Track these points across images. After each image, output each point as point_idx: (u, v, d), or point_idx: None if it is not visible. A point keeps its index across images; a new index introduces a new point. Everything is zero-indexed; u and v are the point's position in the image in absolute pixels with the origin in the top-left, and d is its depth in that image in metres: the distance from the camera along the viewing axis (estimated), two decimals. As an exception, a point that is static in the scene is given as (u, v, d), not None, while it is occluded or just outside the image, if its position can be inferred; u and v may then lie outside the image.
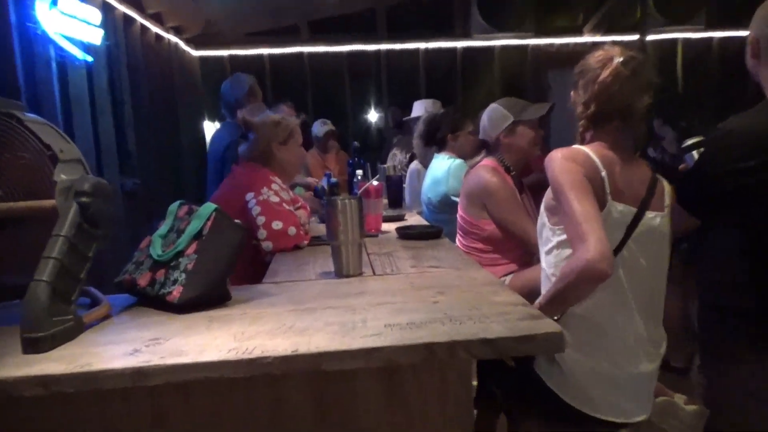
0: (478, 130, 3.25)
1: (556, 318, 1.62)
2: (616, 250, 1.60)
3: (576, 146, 1.68)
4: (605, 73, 1.63)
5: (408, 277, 1.62)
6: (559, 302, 1.57)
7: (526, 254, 2.48)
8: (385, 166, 3.92)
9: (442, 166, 3.21)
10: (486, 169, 2.50)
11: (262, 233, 2.04)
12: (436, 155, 3.35)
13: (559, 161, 1.61)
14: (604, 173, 1.60)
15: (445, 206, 3.12)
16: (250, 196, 2.12)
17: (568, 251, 1.61)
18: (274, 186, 2.20)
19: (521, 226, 2.40)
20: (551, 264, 1.68)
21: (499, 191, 2.45)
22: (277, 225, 2.06)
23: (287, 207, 2.16)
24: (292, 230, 2.11)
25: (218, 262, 1.36)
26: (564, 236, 1.62)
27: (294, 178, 2.51)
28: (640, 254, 1.62)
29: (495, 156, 2.57)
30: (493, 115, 2.59)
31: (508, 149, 2.56)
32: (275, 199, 2.14)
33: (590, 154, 1.63)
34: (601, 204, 1.58)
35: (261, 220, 2.05)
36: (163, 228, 1.46)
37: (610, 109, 1.64)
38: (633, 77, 1.63)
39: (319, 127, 5.23)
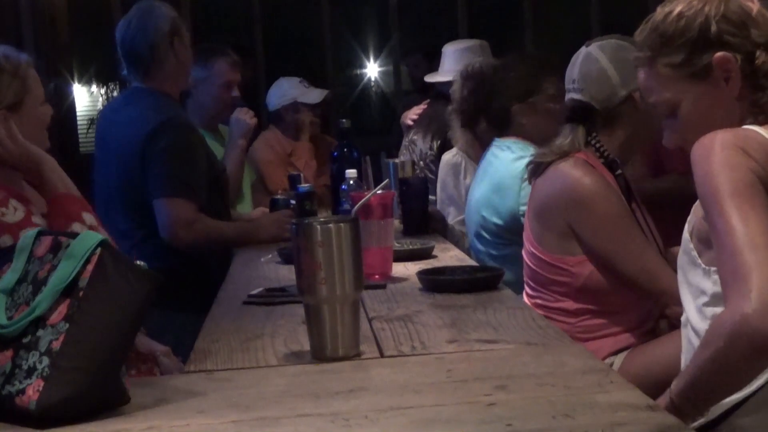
0: (561, 92, 3.22)
1: (703, 421, 1.64)
2: None
3: (747, 126, 1.72)
4: None
5: (443, 361, 1.64)
6: (705, 388, 1.59)
7: (650, 316, 2.50)
8: (396, 161, 3.94)
9: (509, 161, 3.19)
10: (572, 163, 2.51)
11: None
12: (495, 142, 3.34)
13: (716, 150, 1.64)
14: None
15: (513, 234, 3.11)
16: None
17: None
18: None
19: (643, 263, 2.41)
20: (704, 330, 1.70)
21: (600, 200, 2.47)
22: None
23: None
24: None
25: (107, 337, 1.38)
26: None
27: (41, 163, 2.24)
28: None
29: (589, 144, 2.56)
30: (626, 57, 2.47)
31: (641, 123, 2.53)
32: (5, 243, 2.02)
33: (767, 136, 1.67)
34: None
35: None
36: (10, 276, 1.48)
37: None
38: None
39: (299, 89, 5.08)
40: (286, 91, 5.09)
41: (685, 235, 1.76)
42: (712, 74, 1.76)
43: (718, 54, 1.74)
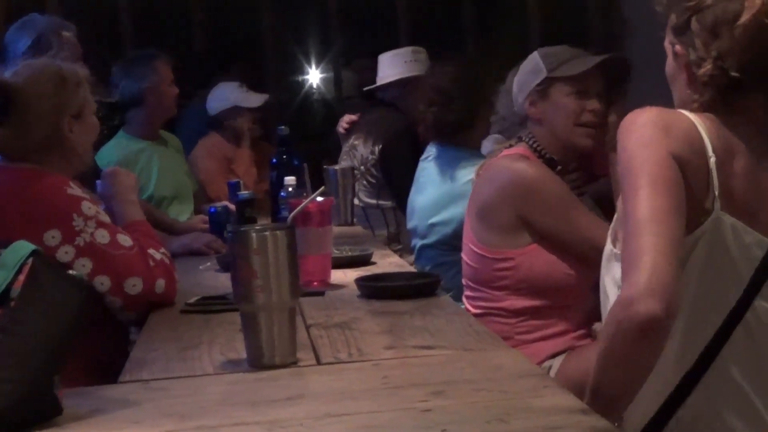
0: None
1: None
2: (736, 312, 1.66)
3: (679, 110, 1.76)
4: (750, 11, 1.69)
5: (379, 368, 1.65)
6: (609, 382, 1.60)
7: (587, 318, 2.54)
8: (336, 167, 3.95)
9: (457, 167, 3.21)
10: (513, 157, 2.58)
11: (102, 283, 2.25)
12: (432, 146, 3.36)
13: (638, 127, 1.69)
14: (713, 159, 1.68)
15: (460, 241, 3.15)
16: (53, 238, 2.21)
17: None
18: (87, 207, 2.28)
19: (591, 235, 2.42)
20: None
21: (547, 184, 2.53)
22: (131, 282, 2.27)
23: (124, 237, 2.31)
24: (160, 283, 2.31)
25: (39, 348, 1.37)
26: None
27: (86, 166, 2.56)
28: None
29: (524, 141, 2.64)
30: (525, 68, 2.69)
31: (539, 127, 2.63)
32: (103, 237, 2.26)
33: (696, 124, 1.71)
34: (697, 213, 1.65)
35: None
36: (-62, 287, 1.46)
37: (755, 71, 1.70)
38: None
39: (239, 93, 5.08)
40: (227, 95, 5.09)
41: (609, 236, 1.79)
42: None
43: (678, 46, 1.77)
